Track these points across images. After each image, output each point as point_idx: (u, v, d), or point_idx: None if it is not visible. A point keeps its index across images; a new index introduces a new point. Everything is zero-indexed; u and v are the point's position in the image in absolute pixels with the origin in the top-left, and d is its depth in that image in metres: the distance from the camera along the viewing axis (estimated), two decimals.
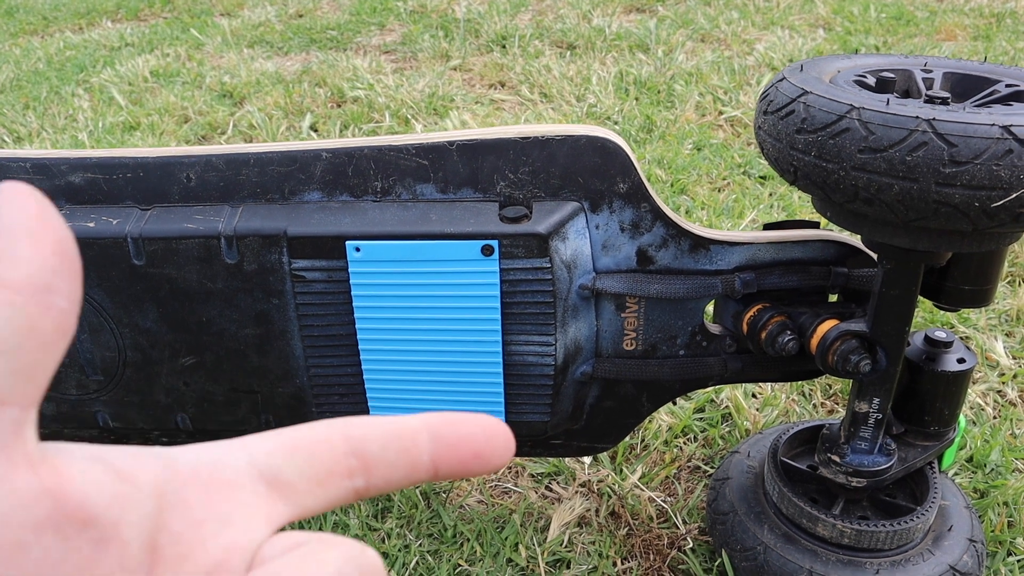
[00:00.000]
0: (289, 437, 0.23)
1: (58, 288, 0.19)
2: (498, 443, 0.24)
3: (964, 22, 2.92)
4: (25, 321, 0.18)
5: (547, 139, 0.74)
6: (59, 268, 0.19)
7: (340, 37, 3.07)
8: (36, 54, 3.02)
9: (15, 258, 0.19)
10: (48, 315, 0.19)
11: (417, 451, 0.24)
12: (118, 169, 0.79)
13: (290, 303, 0.79)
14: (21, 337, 0.18)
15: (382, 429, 0.24)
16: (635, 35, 2.85)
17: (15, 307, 0.18)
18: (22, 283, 0.18)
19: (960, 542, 0.84)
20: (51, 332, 0.19)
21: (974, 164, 0.57)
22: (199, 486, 0.22)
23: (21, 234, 0.19)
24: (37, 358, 0.19)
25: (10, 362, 0.18)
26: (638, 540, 0.97)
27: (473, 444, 0.24)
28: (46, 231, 0.19)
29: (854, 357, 0.75)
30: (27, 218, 0.19)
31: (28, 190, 0.20)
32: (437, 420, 0.24)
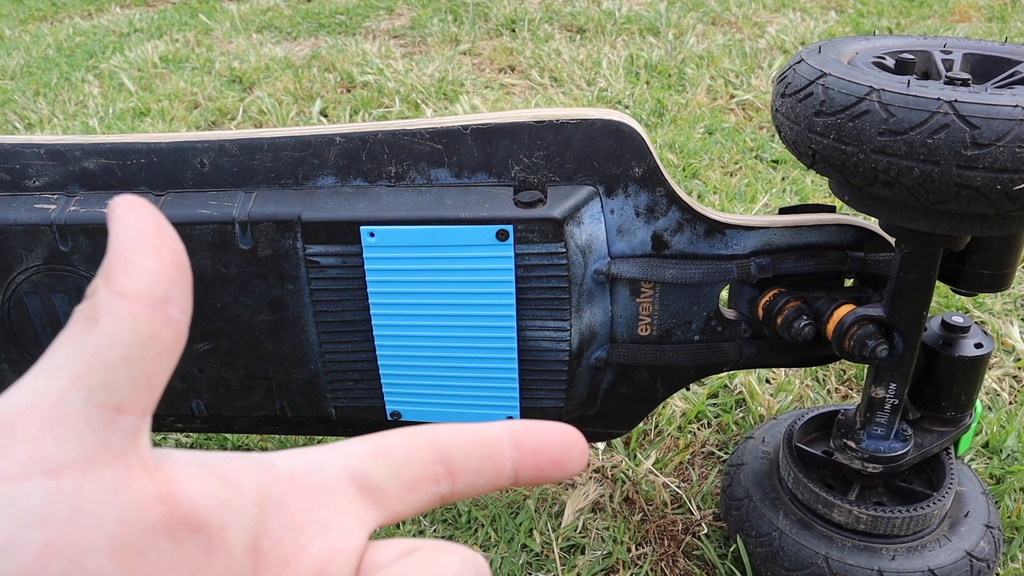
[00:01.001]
0: (380, 443, 0.24)
1: (175, 299, 0.20)
2: (575, 451, 0.25)
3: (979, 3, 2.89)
4: (146, 331, 0.19)
5: (562, 123, 0.74)
6: (176, 280, 0.20)
7: (349, 22, 3.06)
8: (46, 40, 3.02)
9: (137, 270, 0.19)
10: (166, 325, 0.20)
11: (500, 458, 0.24)
12: (132, 155, 0.79)
13: (304, 289, 0.79)
14: (142, 347, 0.19)
15: (467, 436, 0.24)
16: (645, 18, 2.83)
17: (137, 317, 0.19)
18: (143, 294, 0.19)
19: (977, 528, 0.84)
20: (168, 342, 0.20)
21: (996, 146, 0.57)
22: (298, 491, 0.22)
23: (141, 247, 0.20)
24: (155, 367, 0.20)
25: (131, 370, 0.19)
26: (652, 526, 0.97)
27: (552, 451, 0.24)
28: (164, 244, 0.20)
29: (871, 342, 0.75)
30: (146, 231, 0.20)
31: (144, 203, 0.20)
32: (519, 427, 0.25)
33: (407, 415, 0.86)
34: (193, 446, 1.12)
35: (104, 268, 0.20)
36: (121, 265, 0.19)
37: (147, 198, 0.79)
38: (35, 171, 0.81)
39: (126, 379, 0.19)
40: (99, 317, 0.19)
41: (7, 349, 0.87)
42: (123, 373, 0.19)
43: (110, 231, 0.20)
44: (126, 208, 0.20)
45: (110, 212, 0.20)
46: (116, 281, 0.19)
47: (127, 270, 0.19)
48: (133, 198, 0.20)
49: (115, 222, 0.20)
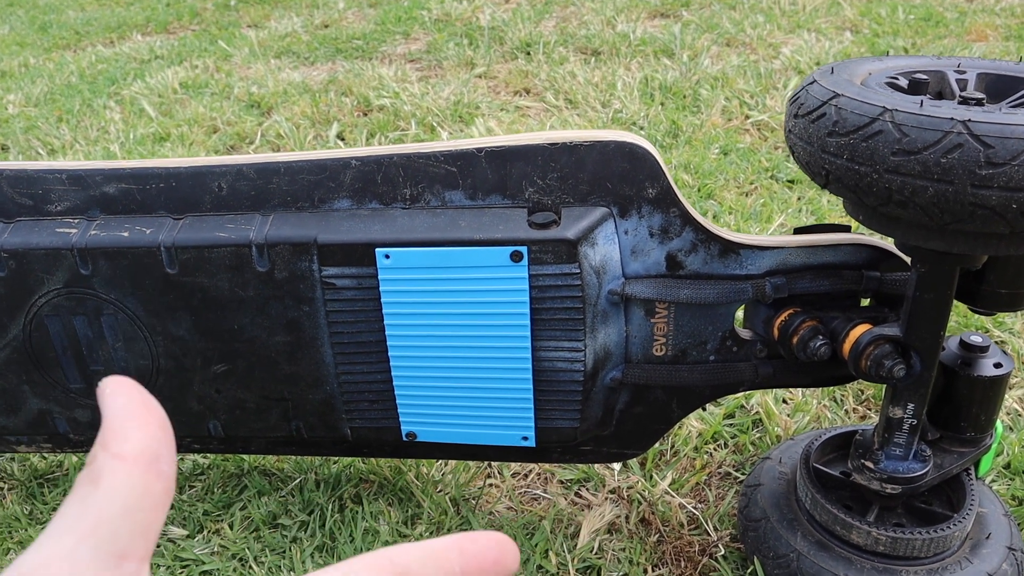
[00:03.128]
0: (346, 568, 0.27)
1: (163, 457, 0.23)
2: (509, 553, 0.28)
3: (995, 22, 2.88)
4: (141, 487, 0.23)
5: (576, 145, 0.74)
6: (163, 440, 0.24)
7: (365, 46, 3.10)
8: (69, 68, 3.07)
9: (130, 436, 0.23)
10: (159, 480, 0.23)
11: (450, 564, 0.27)
12: (151, 179, 0.81)
13: (320, 310, 0.80)
14: (139, 500, 0.23)
15: (420, 552, 0.28)
16: (660, 40, 2.85)
17: (133, 476, 0.23)
18: (137, 455, 0.23)
19: (999, 550, 0.82)
20: (161, 494, 0.23)
21: (1011, 165, 0.56)
22: None
23: (132, 416, 0.24)
24: (151, 517, 0.23)
25: (131, 522, 0.22)
26: (669, 547, 0.96)
27: (491, 555, 0.28)
28: (151, 412, 0.24)
29: (888, 362, 0.74)
30: (135, 404, 0.24)
31: (129, 381, 0.24)
32: (460, 537, 0.28)
33: (422, 435, 0.86)
34: (210, 467, 1.12)
35: (101, 438, 0.23)
36: (116, 433, 0.23)
37: (166, 222, 0.80)
38: (57, 196, 0.82)
39: (127, 530, 0.22)
40: (100, 479, 0.22)
41: (28, 371, 0.88)
42: (125, 526, 0.22)
43: (103, 407, 0.24)
44: (115, 386, 0.24)
45: (101, 391, 0.24)
46: (112, 447, 0.23)
47: (122, 437, 0.23)
48: (120, 377, 0.24)
49: (107, 399, 0.24)
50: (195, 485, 1.10)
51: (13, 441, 0.97)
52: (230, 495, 1.08)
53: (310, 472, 1.10)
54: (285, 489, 1.07)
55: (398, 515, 1.02)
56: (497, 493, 1.06)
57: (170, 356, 0.85)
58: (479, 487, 1.07)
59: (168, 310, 0.82)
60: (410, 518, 1.02)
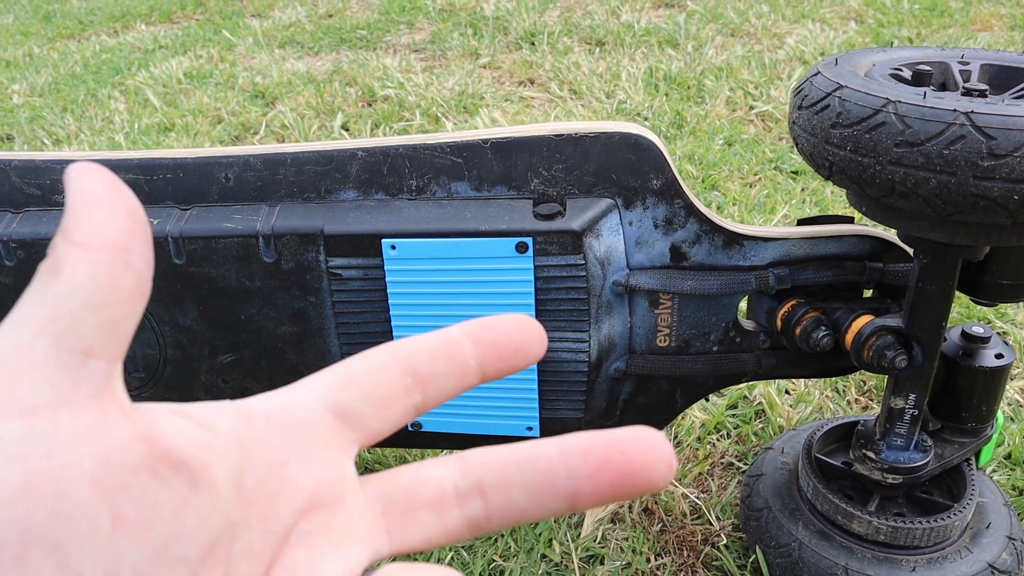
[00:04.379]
0: (345, 369, 0.24)
1: (134, 248, 0.21)
2: (532, 336, 0.25)
3: (1000, 12, 2.87)
4: (107, 278, 0.20)
5: (581, 136, 0.75)
6: (133, 230, 0.21)
7: (370, 36, 3.10)
8: (73, 58, 3.08)
9: (93, 222, 0.20)
10: (127, 272, 0.20)
11: (464, 358, 0.25)
12: (158, 170, 0.81)
13: (327, 301, 0.80)
14: (105, 293, 0.20)
15: (427, 344, 0.25)
16: (664, 30, 2.84)
17: (97, 265, 0.20)
18: (102, 243, 0.20)
19: (999, 539, 0.83)
20: (131, 289, 0.20)
21: (1013, 157, 0.57)
22: (275, 430, 0.23)
23: (97, 202, 0.20)
24: (120, 313, 0.20)
25: (96, 316, 0.20)
26: (671, 536, 0.97)
27: (511, 341, 0.25)
28: (119, 199, 0.21)
29: (890, 353, 0.75)
30: (100, 188, 0.21)
31: (97, 167, 0.21)
32: (475, 325, 0.25)
33: (427, 425, 0.87)
34: None
35: (62, 225, 0.20)
36: (77, 219, 0.20)
37: (174, 212, 0.81)
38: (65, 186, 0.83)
39: (92, 325, 0.20)
40: (60, 269, 0.20)
41: None
42: (89, 319, 0.20)
43: (67, 193, 0.21)
44: (81, 171, 0.21)
45: (66, 176, 0.21)
46: (74, 234, 0.20)
47: (84, 223, 0.20)
48: (89, 163, 0.21)
49: (71, 184, 0.21)
50: None
51: None
52: None
53: None
54: None
55: None
56: None
57: (177, 346, 0.86)
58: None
59: (175, 300, 0.83)
60: None
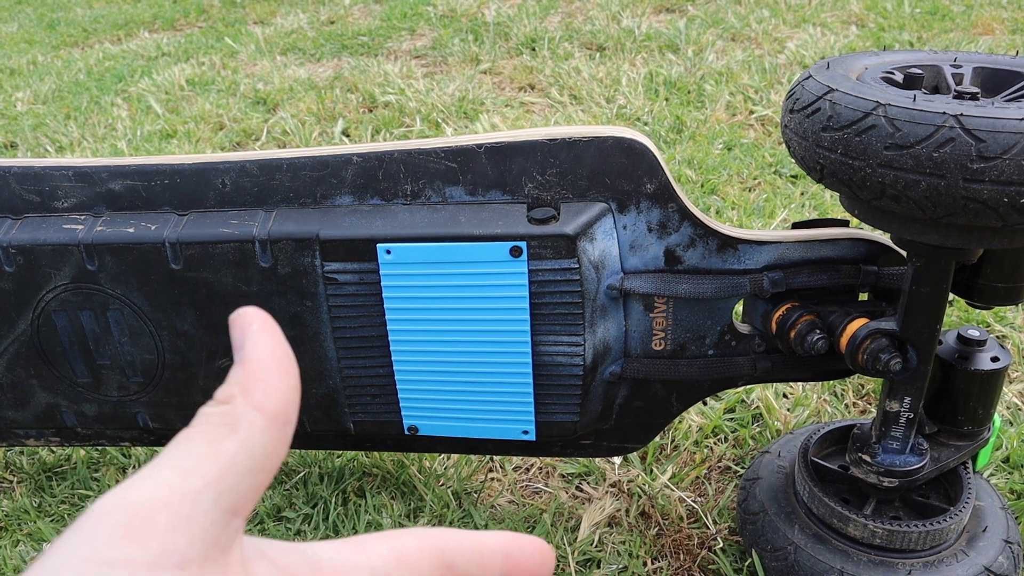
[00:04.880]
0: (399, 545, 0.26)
1: (292, 419, 0.23)
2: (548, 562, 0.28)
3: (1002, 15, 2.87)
4: (273, 447, 0.22)
5: (574, 141, 0.75)
6: (296, 403, 0.23)
7: (371, 43, 3.11)
8: (76, 65, 3.09)
9: (274, 389, 0.22)
10: (285, 443, 0.22)
11: (493, 567, 0.27)
12: (156, 176, 0.82)
13: (323, 305, 0.81)
14: (266, 460, 0.22)
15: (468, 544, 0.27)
16: (665, 35, 2.85)
17: (269, 433, 0.22)
18: (277, 413, 0.22)
19: (995, 543, 0.83)
20: (281, 457, 0.22)
21: (1003, 159, 0.57)
22: None
23: (278, 369, 0.22)
24: (268, 479, 0.22)
25: (254, 479, 0.21)
26: (668, 540, 0.97)
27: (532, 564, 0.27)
28: (293, 367, 0.23)
29: (884, 356, 0.75)
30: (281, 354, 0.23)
31: (274, 323, 0.23)
32: (509, 540, 0.27)
33: (424, 429, 0.87)
34: None
35: (241, 380, 0.22)
36: (260, 383, 0.22)
37: (171, 218, 0.81)
38: (63, 192, 0.83)
39: (248, 487, 0.21)
40: (238, 427, 0.21)
41: (36, 366, 0.89)
42: (247, 482, 0.21)
43: (244, 343, 0.22)
44: (262, 326, 0.23)
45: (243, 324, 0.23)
46: (256, 396, 0.22)
47: (266, 388, 0.22)
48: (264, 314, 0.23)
49: (252, 337, 0.22)
50: None
51: (22, 435, 0.98)
52: None
53: (314, 466, 1.11)
54: (289, 482, 1.09)
55: (401, 508, 1.03)
56: (499, 487, 1.07)
57: (175, 351, 0.86)
58: (481, 481, 1.08)
59: (173, 305, 0.83)
60: (412, 511, 1.03)
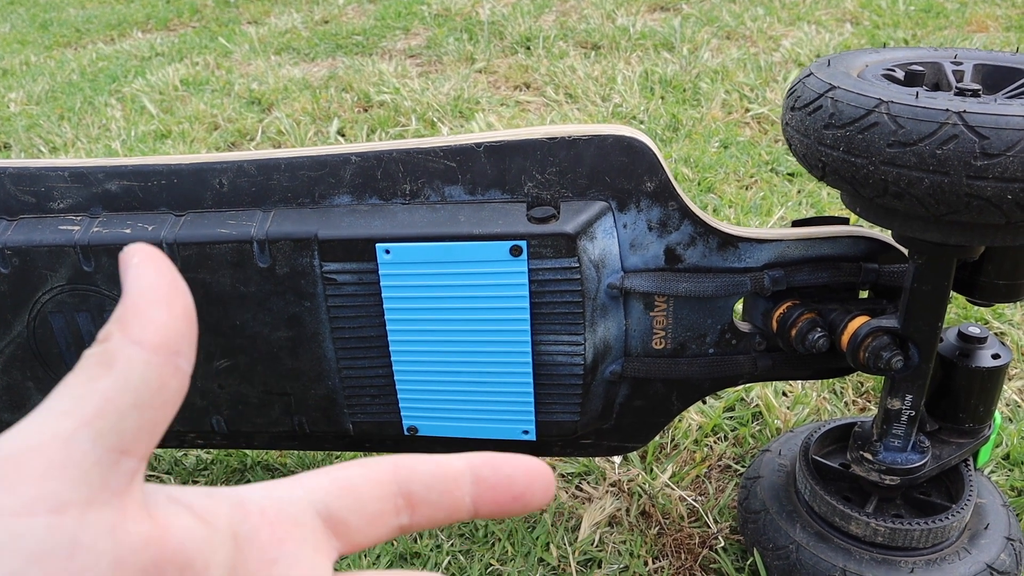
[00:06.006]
0: (343, 475, 0.24)
1: (184, 351, 0.21)
2: (538, 486, 0.25)
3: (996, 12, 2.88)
4: (158, 380, 0.20)
5: (574, 139, 0.75)
6: (186, 333, 0.21)
7: (366, 42, 3.10)
8: (70, 66, 3.08)
9: (154, 321, 0.20)
10: (175, 376, 0.21)
11: (460, 492, 0.25)
12: (153, 176, 0.81)
13: (321, 306, 0.80)
14: (153, 395, 0.20)
15: (427, 469, 0.25)
16: (660, 34, 2.85)
17: (151, 366, 0.20)
18: (159, 344, 0.20)
19: (997, 540, 0.83)
20: (175, 392, 0.21)
21: (1006, 156, 0.57)
22: (268, 526, 0.23)
23: (157, 299, 0.21)
24: (161, 415, 0.21)
25: (140, 417, 0.20)
26: (669, 539, 0.97)
27: (514, 487, 0.25)
28: (179, 297, 0.21)
29: (886, 354, 0.75)
30: (163, 284, 0.21)
31: (159, 255, 0.21)
32: (480, 461, 0.25)
33: (424, 430, 0.87)
34: (214, 462, 1.13)
35: (119, 316, 0.20)
36: (139, 315, 0.20)
37: (168, 218, 0.80)
38: (59, 193, 0.83)
39: (134, 425, 0.20)
40: (114, 363, 0.20)
41: (32, 368, 0.89)
42: (132, 419, 0.20)
43: (126, 279, 0.21)
44: (143, 258, 0.21)
45: (126, 260, 0.21)
46: (133, 330, 0.20)
47: (145, 320, 0.20)
48: (149, 248, 0.21)
49: (132, 271, 0.21)
50: (198, 480, 1.11)
51: None
52: None
53: (312, 467, 1.10)
54: None
55: None
56: None
57: None
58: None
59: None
60: None
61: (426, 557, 0.96)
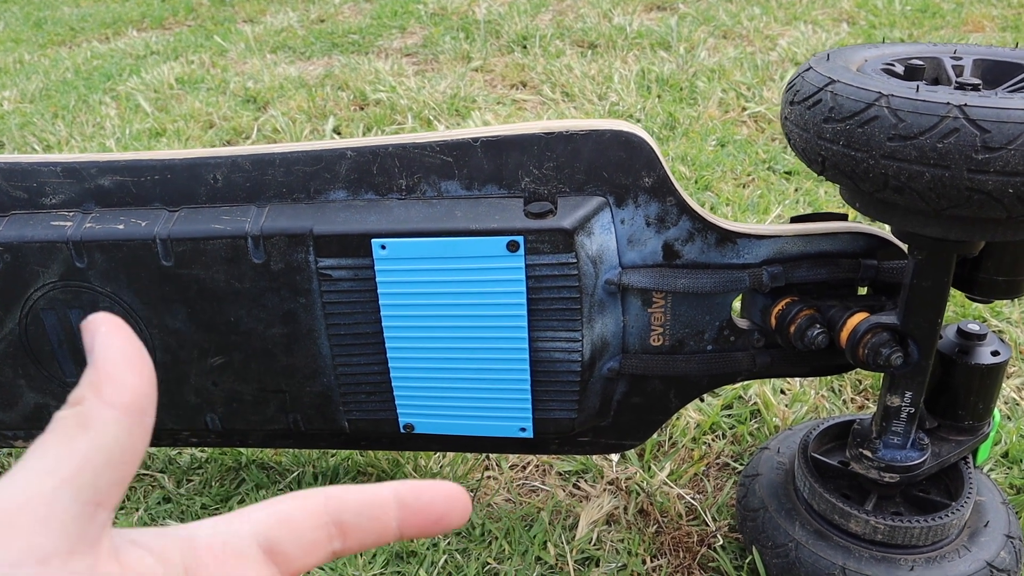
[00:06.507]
0: (281, 509, 0.27)
1: (148, 411, 0.23)
2: (457, 508, 0.27)
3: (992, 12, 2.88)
4: (129, 439, 0.23)
5: (571, 134, 0.74)
6: (150, 395, 0.23)
7: (361, 41, 3.09)
8: (64, 64, 3.06)
9: (124, 385, 0.23)
10: (143, 434, 0.23)
11: (386, 518, 0.27)
12: (146, 171, 0.80)
13: (317, 302, 0.79)
14: (124, 452, 0.23)
15: (356, 498, 0.27)
16: (656, 33, 2.84)
17: (122, 426, 0.23)
18: (129, 406, 0.23)
19: (997, 538, 0.82)
20: (142, 447, 0.23)
21: (1007, 150, 0.56)
22: (215, 559, 0.25)
23: (126, 363, 0.23)
24: (130, 469, 0.23)
25: (114, 472, 0.22)
26: (667, 537, 0.96)
27: (434, 510, 0.27)
28: (143, 363, 0.24)
29: (885, 350, 0.74)
30: (130, 350, 0.23)
31: (121, 323, 0.24)
32: (405, 489, 0.27)
33: (420, 427, 0.86)
34: (208, 460, 1.12)
35: (92, 381, 0.23)
36: (111, 380, 0.23)
37: (162, 214, 0.80)
38: (52, 189, 0.82)
39: (108, 480, 0.22)
40: (90, 424, 0.22)
41: (24, 365, 0.88)
42: (106, 475, 0.22)
43: (94, 346, 0.23)
44: (110, 328, 0.23)
45: (92, 328, 0.23)
46: (107, 393, 0.22)
47: (115, 384, 0.23)
48: (111, 316, 0.24)
49: (100, 339, 0.23)
50: (192, 479, 1.10)
51: (11, 436, 0.97)
52: (228, 489, 1.07)
53: (308, 465, 1.10)
54: (283, 482, 1.07)
55: None
56: (495, 485, 1.06)
57: (166, 349, 0.85)
58: (477, 479, 1.07)
59: (164, 303, 0.82)
60: None
61: (423, 556, 0.95)
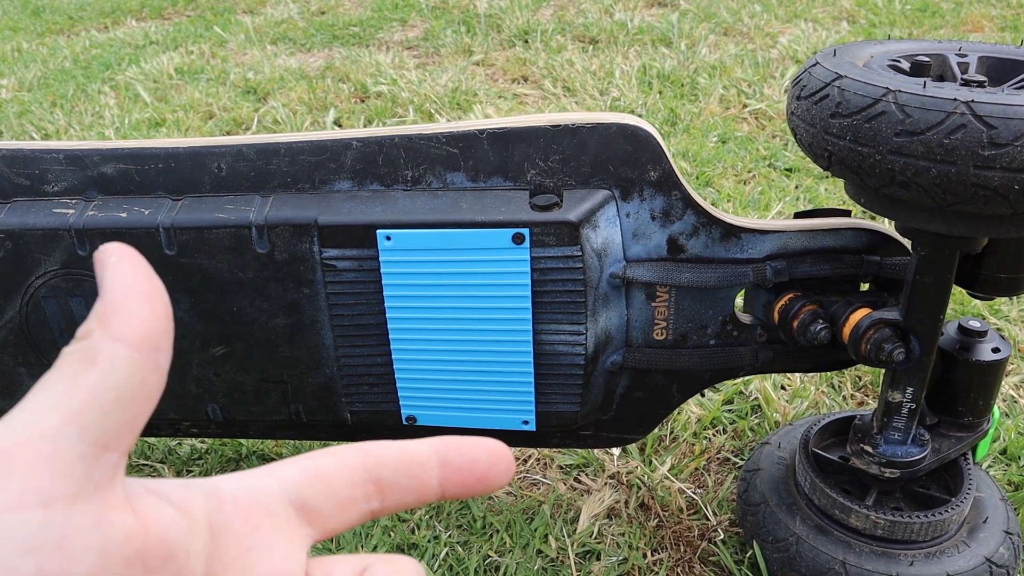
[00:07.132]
0: (313, 464, 0.25)
1: (163, 348, 0.22)
2: (500, 467, 0.26)
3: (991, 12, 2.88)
4: (139, 376, 0.21)
5: (578, 127, 0.74)
6: (165, 329, 0.22)
7: (362, 33, 3.08)
8: (63, 53, 3.05)
9: (135, 318, 0.21)
10: (156, 372, 0.21)
11: (427, 476, 0.26)
12: (150, 159, 0.80)
13: (320, 292, 0.79)
14: (134, 390, 0.21)
15: (395, 455, 0.26)
16: (657, 29, 2.84)
17: (132, 363, 0.21)
18: (140, 341, 0.21)
19: (996, 534, 0.83)
20: (156, 387, 0.21)
21: (1014, 146, 0.56)
22: (242, 515, 0.24)
23: (137, 296, 0.21)
24: (142, 410, 0.21)
25: (122, 412, 0.20)
26: (668, 532, 0.96)
27: (477, 468, 0.26)
28: (157, 295, 0.22)
29: (887, 346, 0.74)
30: (141, 281, 0.22)
31: (135, 253, 0.22)
32: (445, 445, 0.26)
33: (422, 419, 0.86)
34: (208, 451, 1.12)
35: (99, 313, 0.21)
36: (119, 312, 0.21)
37: (165, 202, 0.80)
38: (54, 176, 0.81)
39: (116, 420, 0.20)
40: (96, 359, 0.20)
41: (25, 353, 0.88)
42: (115, 414, 0.20)
43: (103, 277, 0.21)
44: (121, 257, 0.22)
45: (103, 259, 0.22)
46: (114, 327, 0.21)
47: (124, 317, 0.21)
48: (125, 247, 0.22)
49: (110, 270, 0.21)
50: (192, 470, 1.10)
51: None
52: None
53: None
54: None
55: None
56: None
57: None
58: None
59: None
60: None
61: (423, 548, 0.95)
